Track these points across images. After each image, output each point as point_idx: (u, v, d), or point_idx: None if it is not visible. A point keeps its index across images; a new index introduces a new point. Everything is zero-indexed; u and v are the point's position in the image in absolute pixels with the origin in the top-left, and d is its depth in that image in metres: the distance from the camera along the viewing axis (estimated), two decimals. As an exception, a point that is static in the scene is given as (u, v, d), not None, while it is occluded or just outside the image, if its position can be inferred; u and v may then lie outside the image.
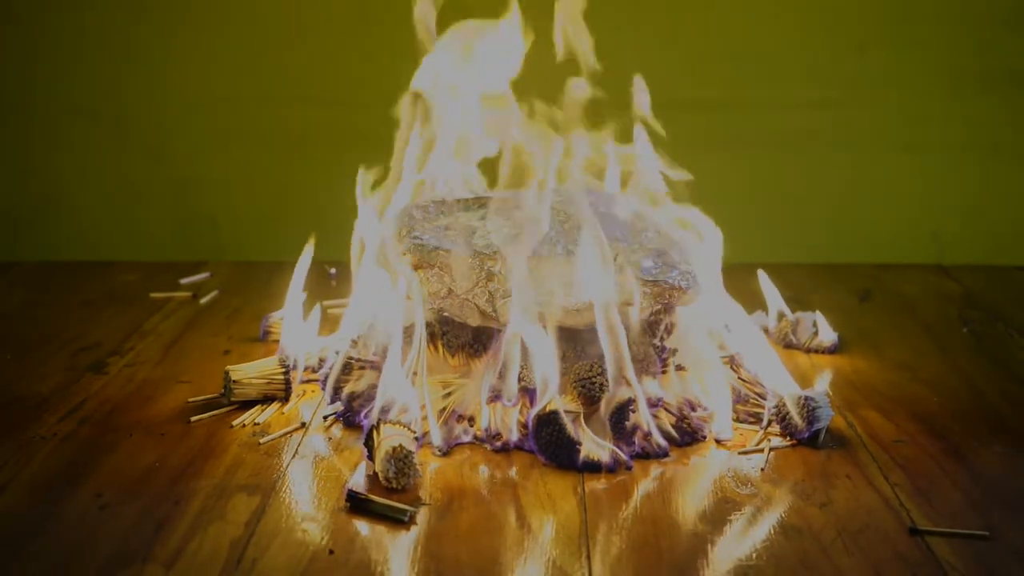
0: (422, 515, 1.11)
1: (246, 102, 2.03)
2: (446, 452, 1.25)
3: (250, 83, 2.03)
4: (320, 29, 2.01)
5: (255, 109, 2.03)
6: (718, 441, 1.29)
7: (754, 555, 1.04)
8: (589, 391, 1.24)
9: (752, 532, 1.08)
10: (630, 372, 1.26)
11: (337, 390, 1.35)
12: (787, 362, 1.41)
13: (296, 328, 1.49)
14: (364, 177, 1.43)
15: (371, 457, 1.19)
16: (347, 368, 1.36)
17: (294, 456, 1.25)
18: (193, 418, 1.33)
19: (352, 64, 2.01)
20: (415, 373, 1.30)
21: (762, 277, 1.64)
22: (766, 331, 1.61)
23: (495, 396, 1.26)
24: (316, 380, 1.45)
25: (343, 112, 1.97)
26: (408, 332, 1.32)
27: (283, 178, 2.06)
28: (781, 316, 1.62)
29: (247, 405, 1.37)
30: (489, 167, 1.48)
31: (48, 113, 2.04)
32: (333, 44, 2.00)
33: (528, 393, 1.26)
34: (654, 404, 1.26)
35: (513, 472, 1.21)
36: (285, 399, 1.39)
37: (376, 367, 1.34)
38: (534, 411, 1.23)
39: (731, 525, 1.10)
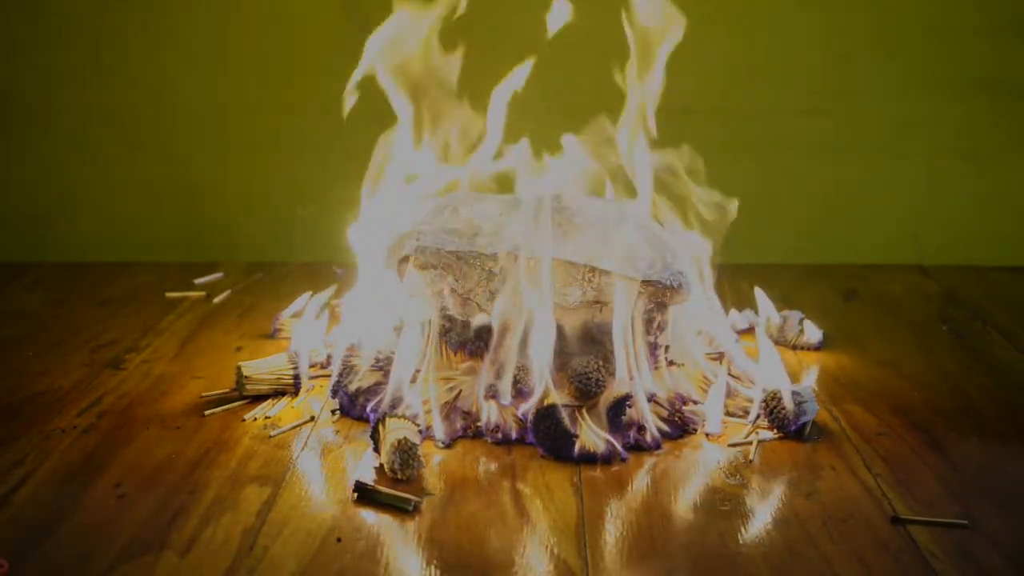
0: (426, 505, 1.13)
1: (257, 109, 2.04)
2: (449, 445, 1.28)
3: (261, 91, 2.04)
4: (329, 39, 2.02)
5: (266, 116, 2.04)
6: (708, 434, 1.31)
7: (743, 543, 1.07)
8: (586, 387, 1.27)
9: (741, 521, 1.11)
10: (633, 368, 1.28)
11: (341, 386, 1.37)
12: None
13: (306, 326, 1.52)
14: (370, 180, 1.46)
15: (377, 449, 1.22)
16: (350, 366, 1.38)
17: (303, 448, 1.27)
18: (207, 412, 1.36)
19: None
20: (419, 370, 1.33)
21: (758, 293, 1.67)
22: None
23: (492, 394, 1.28)
24: (324, 376, 1.46)
25: (350, 118, 1.98)
26: (413, 331, 1.34)
27: (293, 181, 2.07)
28: (769, 319, 1.64)
29: (258, 399, 1.39)
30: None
31: (68, 120, 2.06)
32: (342, 53, 2.02)
33: (523, 395, 1.28)
34: (648, 399, 1.28)
35: (513, 463, 1.23)
36: (295, 394, 1.41)
37: (379, 365, 1.37)
38: (529, 404, 1.26)
39: (721, 514, 1.12)
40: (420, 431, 1.24)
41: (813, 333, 1.61)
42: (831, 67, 2.01)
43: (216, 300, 1.85)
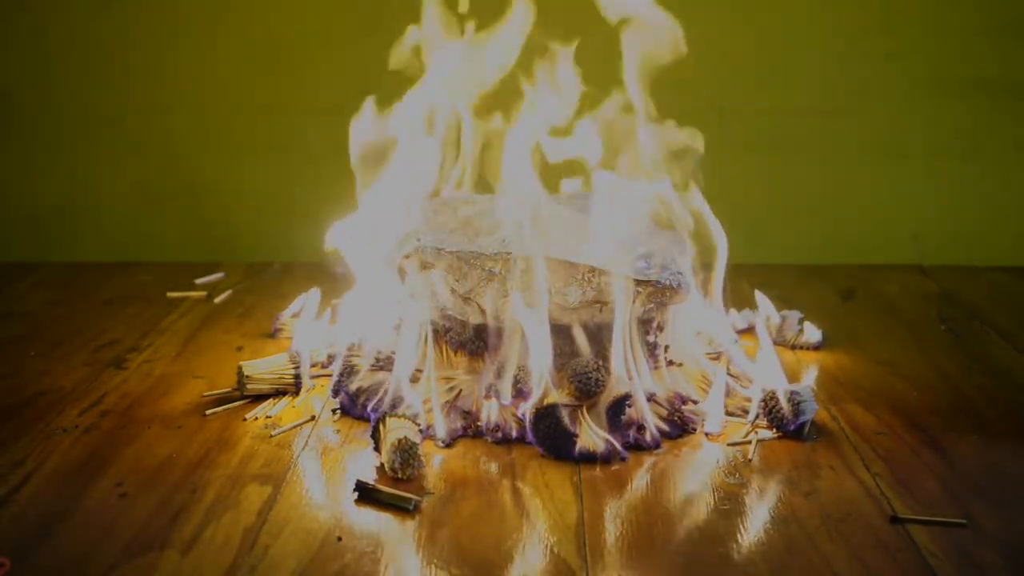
0: (426, 504, 1.13)
1: (257, 111, 2.05)
2: (449, 444, 1.28)
3: (261, 94, 2.05)
4: (327, 42, 2.02)
5: (266, 118, 2.05)
6: (708, 434, 1.31)
7: (742, 541, 1.07)
8: (586, 386, 1.27)
9: (740, 520, 1.11)
10: (632, 368, 1.29)
11: (342, 386, 1.38)
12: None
13: (307, 325, 1.53)
14: (369, 181, 1.46)
15: (378, 449, 1.22)
16: (351, 365, 1.39)
17: (304, 448, 1.27)
18: (208, 411, 1.36)
19: (357, 75, 2.03)
20: (419, 369, 1.33)
21: (759, 296, 1.67)
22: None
23: (492, 394, 1.29)
24: (325, 375, 1.47)
25: (350, 118, 1.99)
26: (413, 330, 1.35)
27: (293, 182, 2.07)
28: (769, 319, 1.64)
29: (259, 399, 1.40)
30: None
31: (68, 120, 2.07)
32: (340, 57, 2.03)
33: (522, 394, 1.28)
34: (647, 399, 1.29)
35: (512, 463, 1.24)
36: (296, 393, 1.42)
37: (379, 364, 1.37)
38: (529, 403, 1.26)
39: (720, 513, 1.12)
40: (420, 430, 1.24)
41: (812, 333, 1.62)
42: (832, 67, 2.02)
43: (217, 300, 1.86)
